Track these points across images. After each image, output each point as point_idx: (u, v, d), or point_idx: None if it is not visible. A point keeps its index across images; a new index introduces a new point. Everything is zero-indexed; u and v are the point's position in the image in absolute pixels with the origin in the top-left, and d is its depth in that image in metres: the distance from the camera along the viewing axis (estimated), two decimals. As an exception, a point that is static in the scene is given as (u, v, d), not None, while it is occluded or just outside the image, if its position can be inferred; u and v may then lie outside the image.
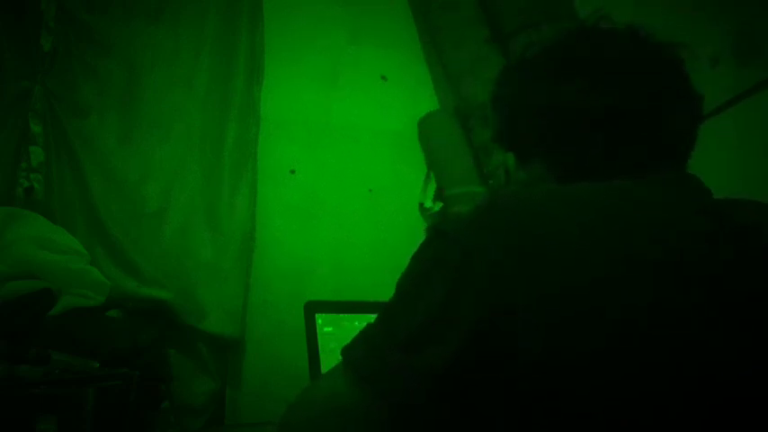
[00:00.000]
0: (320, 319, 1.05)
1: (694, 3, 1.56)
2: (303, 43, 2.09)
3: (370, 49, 2.15)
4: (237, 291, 1.89)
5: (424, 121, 2.10)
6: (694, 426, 0.46)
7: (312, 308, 1.06)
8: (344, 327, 1.04)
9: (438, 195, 2.07)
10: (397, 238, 1.99)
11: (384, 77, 2.15)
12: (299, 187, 2.04)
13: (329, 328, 1.04)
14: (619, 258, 0.49)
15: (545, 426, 0.47)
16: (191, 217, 1.90)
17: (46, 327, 1.49)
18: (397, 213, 2.07)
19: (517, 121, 0.71)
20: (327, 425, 0.56)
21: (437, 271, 0.52)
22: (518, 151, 0.72)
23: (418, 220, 2.07)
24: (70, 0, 1.86)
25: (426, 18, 2.15)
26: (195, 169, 1.92)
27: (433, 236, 0.56)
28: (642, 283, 0.48)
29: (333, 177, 2.06)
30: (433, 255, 0.54)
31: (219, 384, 1.85)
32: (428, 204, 2.06)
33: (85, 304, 1.60)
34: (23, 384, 1.23)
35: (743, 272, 0.52)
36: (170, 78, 1.94)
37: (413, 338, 0.51)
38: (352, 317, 1.06)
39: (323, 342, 1.03)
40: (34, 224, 1.68)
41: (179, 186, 1.90)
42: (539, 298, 0.48)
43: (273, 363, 1.88)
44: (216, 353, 1.86)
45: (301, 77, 2.08)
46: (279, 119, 2.05)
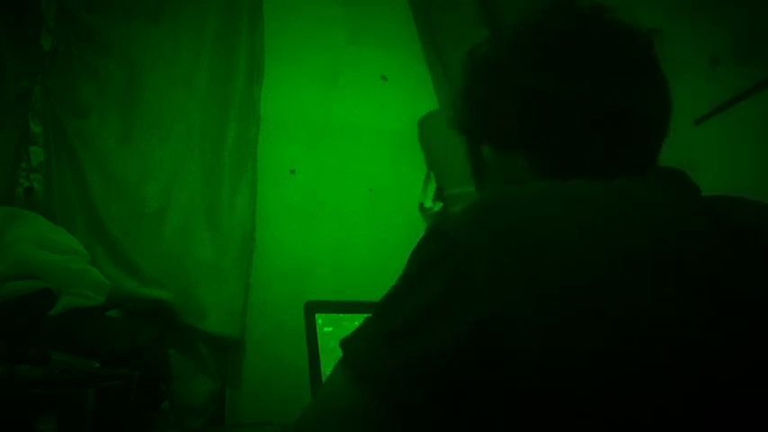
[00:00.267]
0: (320, 319, 1.05)
1: (694, 3, 1.56)
2: (303, 43, 2.10)
3: (370, 49, 2.15)
4: (237, 291, 1.89)
5: (424, 121, 2.10)
6: (695, 426, 0.46)
7: (312, 308, 1.06)
8: (344, 327, 1.04)
9: (438, 195, 2.06)
10: (397, 238, 1.99)
11: (384, 77, 2.15)
12: (299, 187, 2.04)
13: (329, 328, 1.04)
14: (619, 258, 0.49)
15: (545, 426, 0.47)
16: (191, 217, 1.90)
17: (46, 327, 1.49)
18: (397, 213, 2.07)
19: (500, 113, 0.70)
20: (328, 424, 0.56)
21: (435, 270, 0.52)
22: (497, 143, 0.71)
23: (418, 220, 2.07)
24: (70, 0, 1.86)
25: (426, 18, 2.15)
26: (195, 169, 1.92)
27: (432, 235, 0.55)
28: (642, 284, 0.48)
29: (333, 177, 2.06)
30: (432, 254, 0.53)
31: (219, 384, 1.85)
32: (428, 204, 2.06)
33: (85, 304, 1.60)
34: (23, 384, 1.23)
35: (743, 272, 0.52)
36: (170, 78, 1.94)
37: (408, 331, 0.51)
38: (352, 317, 1.06)
39: (323, 342, 1.03)
40: (34, 224, 1.68)
41: (179, 186, 1.90)
42: (539, 298, 0.48)
43: (273, 363, 1.88)
44: (216, 353, 1.86)
45: (301, 77, 2.08)
46: (279, 119, 2.05)
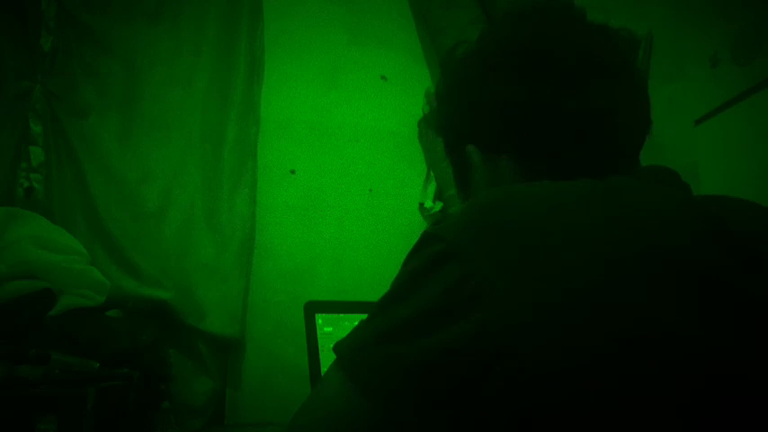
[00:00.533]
0: (320, 319, 1.05)
1: (694, 3, 1.56)
2: (303, 43, 2.10)
3: (370, 50, 2.15)
4: (237, 291, 1.89)
5: (424, 121, 2.10)
6: (702, 426, 0.46)
7: (312, 308, 1.06)
8: (344, 327, 1.04)
9: (438, 195, 2.06)
10: (397, 238, 1.99)
11: (384, 77, 2.15)
12: (299, 187, 2.04)
13: (329, 328, 1.04)
14: (618, 259, 0.49)
15: (545, 430, 0.47)
16: (191, 217, 1.90)
17: (46, 327, 1.49)
18: (397, 213, 2.07)
19: (486, 117, 0.69)
20: (322, 427, 0.56)
21: (432, 274, 0.51)
22: (483, 147, 0.70)
23: (418, 220, 2.07)
24: (70, 0, 1.86)
25: (426, 18, 2.15)
26: (195, 169, 1.92)
27: (428, 239, 0.54)
28: (642, 284, 0.48)
29: (333, 177, 2.06)
30: (428, 258, 0.53)
31: (219, 384, 1.85)
32: (428, 204, 2.06)
33: (85, 304, 1.60)
34: (23, 384, 1.24)
35: (742, 273, 0.52)
36: (170, 78, 1.94)
37: (403, 334, 0.51)
38: (352, 317, 1.06)
39: (323, 342, 1.03)
40: (34, 224, 1.68)
41: (179, 186, 1.90)
42: (540, 303, 0.47)
43: (273, 362, 1.88)
44: (216, 353, 1.86)
45: (301, 77, 2.09)
46: (279, 119, 2.05)
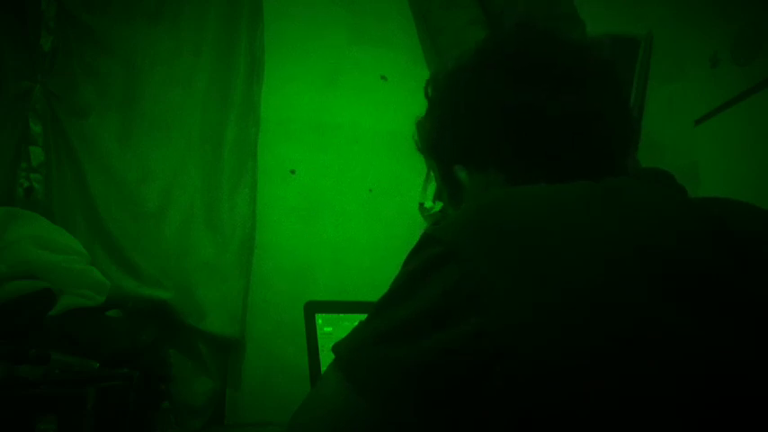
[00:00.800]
0: (320, 319, 1.05)
1: (694, 3, 1.56)
2: (303, 43, 2.10)
3: (370, 50, 2.15)
4: (237, 291, 1.89)
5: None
6: (702, 426, 0.46)
7: (312, 308, 1.06)
8: (344, 327, 1.04)
9: (438, 195, 2.06)
10: (397, 238, 1.99)
11: (384, 77, 2.15)
12: (299, 187, 2.04)
13: (329, 328, 1.04)
14: (617, 260, 0.49)
15: (545, 430, 0.47)
16: (191, 217, 1.90)
17: (46, 327, 1.49)
18: (397, 213, 2.07)
19: (471, 134, 0.71)
20: (320, 427, 0.56)
21: (431, 276, 0.52)
22: (471, 164, 0.71)
23: (418, 220, 2.07)
24: (70, 0, 1.86)
25: (426, 18, 2.15)
26: (195, 169, 1.92)
27: (427, 240, 0.54)
28: (642, 285, 0.48)
29: (333, 177, 2.06)
30: (428, 259, 0.53)
31: (219, 384, 1.85)
32: (428, 204, 2.06)
33: (85, 304, 1.59)
34: (23, 384, 1.24)
35: (741, 274, 0.52)
36: (170, 78, 1.94)
37: (402, 336, 0.51)
38: (352, 317, 1.06)
39: (323, 342, 1.03)
40: (34, 224, 1.68)
41: (179, 186, 1.90)
42: (540, 304, 0.47)
43: (273, 362, 1.88)
44: (216, 353, 1.85)
45: (301, 77, 2.08)
46: (279, 119, 2.05)
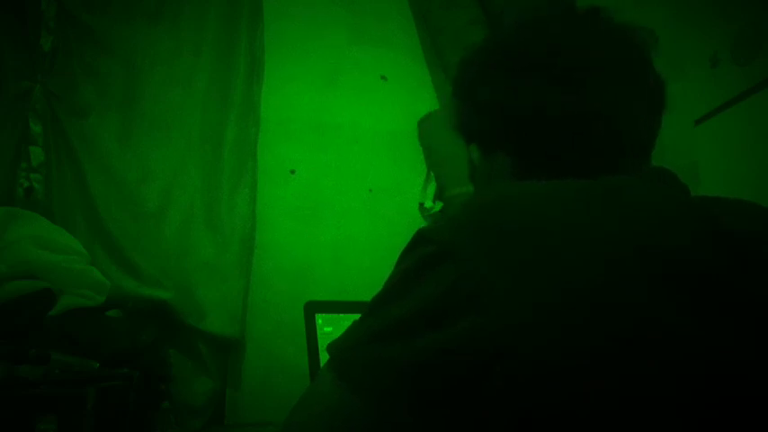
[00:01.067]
0: (320, 319, 1.05)
1: (694, 3, 1.56)
2: (303, 43, 2.10)
3: (370, 50, 2.15)
4: (237, 291, 1.89)
5: (424, 121, 2.10)
6: (702, 425, 0.46)
7: (312, 308, 1.06)
8: (344, 327, 1.04)
9: (438, 195, 2.06)
10: (397, 238, 1.98)
11: (384, 77, 2.15)
12: (299, 187, 2.04)
13: (329, 328, 1.04)
14: (617, 259, 0.49)
15: (545, 430, 0.47)
16: (191, 217, 1.90)
17: (46, 327, 1.49)
18: (397, 213, 2.07)
19: (484, 117, 0.70)
20: (316, 426, 0.56)
21: (426, 275, 0.51)
22: (482, 145, 0.71)
23: (418, 220, 2.07)
24: (70, 0, 1.86)
25: (426, 18, 2.15)
26: (195, 169, 1.92)
27: (420, 241, 0.54)
28: (642, 284, 0.48)
29: (333, 177, 2.06)
30: (421, 260, 0.52)
31: (219, 384, 1.85)
32: (428, 204, 2.06)
33: (85, 304, 1.59)
34: (23, 384, 1.24)
35: (741, 274, 0.52)
36: (170, 78, 1.94)
37: (396, 335, 0.51)
38: (352, 317, 1.06)
39: (323, 342, 1.03)
40: (34, 224, 1.68)
41: (179, 186, 1.90)
42: (540, 303, 0.47)
43: (273, 362, 1.88)
44: (216, 353, 1.86)
45: (301, 77, 2.09)
46: (279, 119, 2.05)
